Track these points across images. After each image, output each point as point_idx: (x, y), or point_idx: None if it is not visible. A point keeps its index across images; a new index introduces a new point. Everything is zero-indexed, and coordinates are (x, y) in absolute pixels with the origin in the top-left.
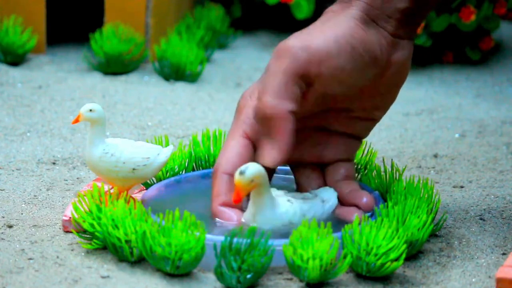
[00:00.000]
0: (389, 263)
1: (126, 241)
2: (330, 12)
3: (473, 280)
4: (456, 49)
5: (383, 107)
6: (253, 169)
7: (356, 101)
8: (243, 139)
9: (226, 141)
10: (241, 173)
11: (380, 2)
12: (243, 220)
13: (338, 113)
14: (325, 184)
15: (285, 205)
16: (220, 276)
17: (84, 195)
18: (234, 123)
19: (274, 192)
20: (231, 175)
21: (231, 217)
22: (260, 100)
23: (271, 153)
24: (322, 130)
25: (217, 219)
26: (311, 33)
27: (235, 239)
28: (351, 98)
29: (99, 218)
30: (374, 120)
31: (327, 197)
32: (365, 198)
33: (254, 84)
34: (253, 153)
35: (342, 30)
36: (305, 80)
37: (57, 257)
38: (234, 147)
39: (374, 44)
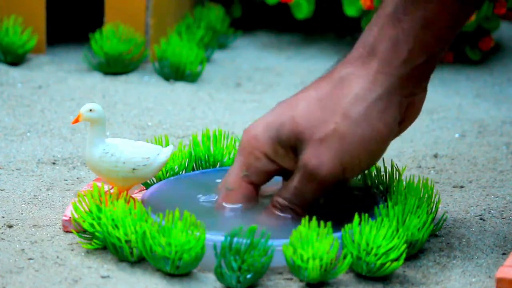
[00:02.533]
0: (389, 263)
1: (126, 241)
2: (345, 81)
3: (473, 280)
4: (456, 49)
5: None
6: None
7: None
8: (246, 185)
9: (231, 182)
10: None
11: (399, 64)
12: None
13: None
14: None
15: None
16: (220, 276)
17: (84, 195)
18: (236, 164)
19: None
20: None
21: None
22: (286, 203)
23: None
24: None
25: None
26: (331, 141)
27: (235, 239)
28: None
29: (99, 218)
30: None
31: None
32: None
33: (259, 126)
34: (254, 194)
35: (364, 133)
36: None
37: (57, 257)
38: (239, 193)
39: (391, 128)
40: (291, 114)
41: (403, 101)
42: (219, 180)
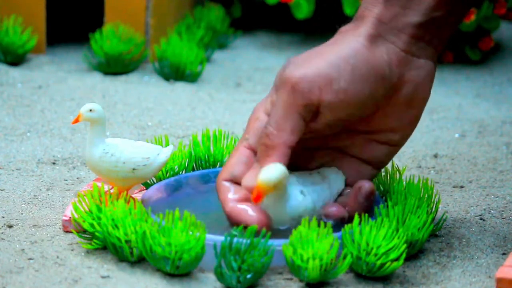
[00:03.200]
0: (389, 263)
1: (126, 241)
2: (340, 32)
3: (473, 280)
4: (456, 49)
5: (400, 130)
6: (276, 172)
7: (371, 122)
8: (244, 150)
9: (233, 150)
10: (267, 177)
11: (390, 16)
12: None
13: (356, 135)
14: None
15: (298, 199)
16: (220, 276)
17: (84, 195)
18: (242, 136)
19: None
20: (231, 181)
21: (248, 214)
22: (265, 127)
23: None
24: (338, 151)
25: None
26: (310, 59)
27: (235, 239)
28: (366, 120)
29: (99, 218)
30: (391, 146)
31: (333, 178)
32: (334, 208)
33: (265, 97)
34: (252, 160)
35: (341, 52)
36: (309, 109)
37: (57, 257)
38: (235, 156)
39: (380, 62)
40: (283, 70)
41: (392, 50)
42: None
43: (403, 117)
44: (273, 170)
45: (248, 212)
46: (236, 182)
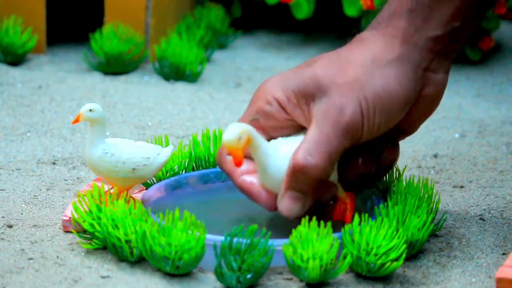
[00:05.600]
0: (389, 263)
1: (126, 241)
2: (365, 42)
3: (473, 280)
4: None
5: (409, 132)
6: (236, 127)
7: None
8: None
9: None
10: (226, 135)
11: (414, 31)
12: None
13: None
14: None
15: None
16: (220, 276)
17: (84, 195)
18: (247, 110)
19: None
20: None
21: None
22: (307, 157)
23: (296, 207)
24: None
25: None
26: (351, 89)
27: (235, 239)
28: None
29: (99, 218)
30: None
31: None
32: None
33: (275, 79)
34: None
35: (379, 86)
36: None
37: (57, 257)
38: None
39: (408, 91)
40: (310, 65)
41: (418, 72)
42: None
43: (414, 125)
44: (231, 129)
45: (260, 192)
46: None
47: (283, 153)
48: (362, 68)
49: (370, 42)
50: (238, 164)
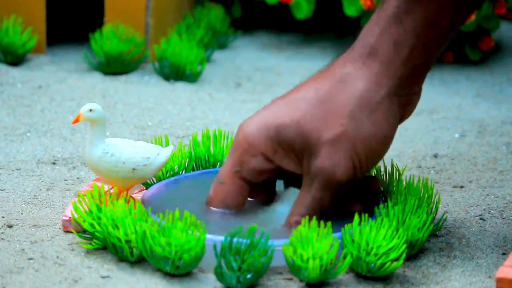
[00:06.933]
0: (389, 263)
1: (126, 241)
2: (348, 80)
3: (473, 280)
4: (456, 49)
5: None
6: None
7: None
8: (238, 180)
9: (223, 176)
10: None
11: (393, 72)
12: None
13: None
14: None
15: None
16: (220, 276)
17: (84, 195)
18: (229, 159)
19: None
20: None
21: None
22: (298, 218)
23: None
24: None
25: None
26: (342, 145)
27: (235, 239)
28: None
29: (99, 218)
30: None
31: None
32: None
33: (254, 121)
34: (246, 189)
35: (374, 130)
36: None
37: (57, 257)
38: (229, 188)
39: (394, 128)
40: (293, 116)
41: (402, 100)
42: None
43: None
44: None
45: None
46: (228, 209)
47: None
48: (349, 119)
49: (354, 81)
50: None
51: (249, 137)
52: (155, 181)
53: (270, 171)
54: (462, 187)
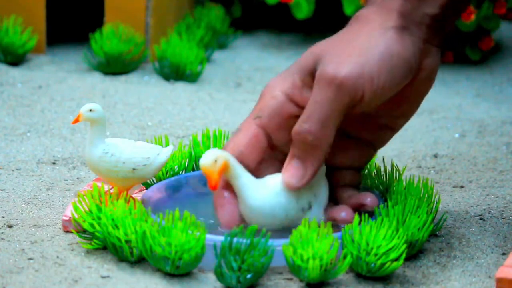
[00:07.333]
0: (389, 263)
1: (126, 241)
2: (362, 18)
3: (473, 280)
4: (456, 49)
5: (407, 116)
6: (213, 151)
7: (385, 108)
8: (256, 128)
9: (241, 124)
10: (203, 158)
11: (411, 9)
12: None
13: (366, 119)
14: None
15: (275, 189)
16: (220, 276)
17: (84, 195)
18: (253, 109)
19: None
20: (238, 158)
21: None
22: (302, 124)
23: (297, 175)
24: (345, 134)
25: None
26: (346, 53)
27: (235, 239)
28: (381, 106)
29: (99, 218)
30: (394, 130)
31: (322, 196)
32: (369, 198)
33: (281, 74)
34: (264, 144)
35: (378, 48)
36: (350, 106)
37: (57, 257)
38: (246, 135)
39: (409, 56)
40: (310, 50)
41: (419, 42)
42: None
43: (413, 104)
44: (208, 152)
45: (222, 208)
46: (241, 161)
47: (267, 187)
48: (362, 39)
49: (367, 19)
50: (213, 187)
51: (270, 82)
52: (155, 181)
53: (288, 116)
54: (462, 187)
